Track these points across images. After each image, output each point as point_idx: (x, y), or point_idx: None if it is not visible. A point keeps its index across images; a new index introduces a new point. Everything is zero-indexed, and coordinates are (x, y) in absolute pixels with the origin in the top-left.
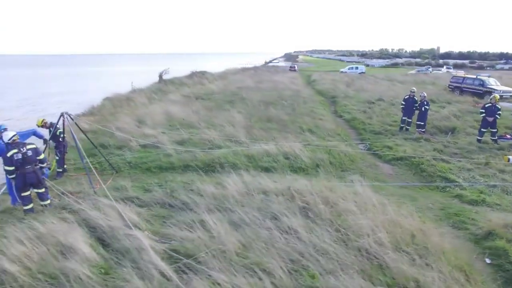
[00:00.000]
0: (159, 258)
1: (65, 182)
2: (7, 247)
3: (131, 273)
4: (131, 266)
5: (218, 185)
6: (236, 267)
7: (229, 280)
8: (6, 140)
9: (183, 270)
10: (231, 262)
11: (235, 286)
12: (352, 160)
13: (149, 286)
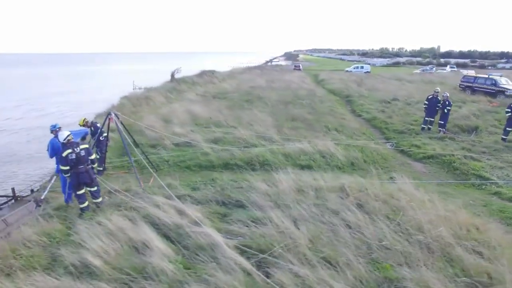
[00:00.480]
0: (237, 253)
1: (107, 180)
2: (86, 242)
3: (215, 268)
4: (207, 261)
5: (264, 182)
6: (311, 261)
7: (310, 273)
8: (62, 140)
9: (260, 265)
10: (305, 256)
11: (317, 279)
12: (384, 159)
13: (234, 280)
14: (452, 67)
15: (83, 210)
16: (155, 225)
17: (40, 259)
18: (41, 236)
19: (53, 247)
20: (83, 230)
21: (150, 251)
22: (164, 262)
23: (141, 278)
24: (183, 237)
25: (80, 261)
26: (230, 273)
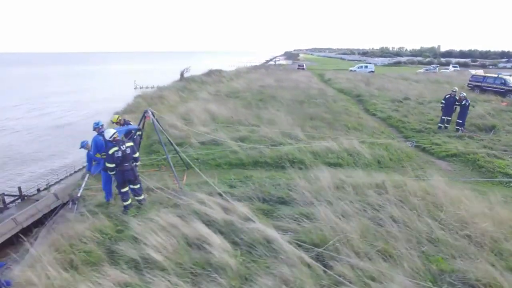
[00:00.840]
0: (294, 248)
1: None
2: (144, 237)
3: (276, 262)
4: (266, 255)
5: (300, 179)
6: (369, 253)
7: (369, 266)
8: (108, 137)
9: (318, 258)
10: (359, 249)
11: (376, 271)
12: (409, 157)
13: (298, 273)
14: (455, 67)
15: (127, 208)
16: (206, 221)
17: (97, 254)
18: (94, 232)
19: (106, 243)
20: (136, 226)
21: (208, 246)
22: (226, 257)
23: (206, 272)
24: (236, 232)
25: (141, 256)
26: (292, 266)
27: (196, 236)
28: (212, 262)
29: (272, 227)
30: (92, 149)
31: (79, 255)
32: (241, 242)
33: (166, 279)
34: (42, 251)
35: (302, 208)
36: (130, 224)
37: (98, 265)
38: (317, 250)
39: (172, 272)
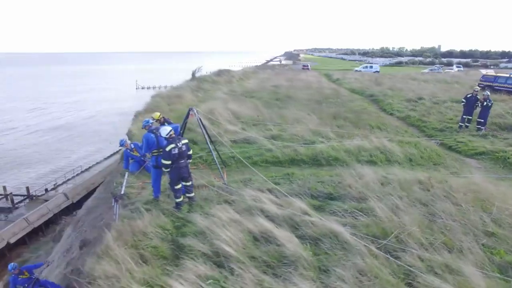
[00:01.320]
0: (358, 240)
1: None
2: (213, 232)
3: (345, 254)
4: (333, 248)
5: (339, 176)
6: (433, 245)
7: (433, 257)
8: (164, 135)
9: (384, 250)
10: (421, 241)
11: (443, 262)
12: (438, 155)
13: (370, 264)
14: (459, 67)
15: (179, 205)
16: (265, 216)
17: (163, 249)
18: (156, 228)
19: (169, 238)
20: (200, 222)
21: (275, 240)
22: (298, 249)
23: (282, 264)
24: (298, 226)
25: (212, 250)
26: (362, 258)
27: (260, 230)
28: (285, 254)
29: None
30: (143, 146)
31: (148, 250)
32: (306, 236)
33: (247, 271)
34: (108, 246)
35: (353, 203)
36: (191, 220)
37: (169, 259)
38: (381, 242)
39: (249, 265)
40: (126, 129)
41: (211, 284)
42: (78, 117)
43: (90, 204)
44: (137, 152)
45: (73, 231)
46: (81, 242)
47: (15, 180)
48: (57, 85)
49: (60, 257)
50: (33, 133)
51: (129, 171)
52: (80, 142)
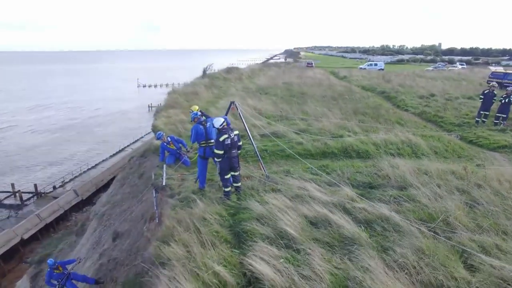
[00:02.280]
0: (409, 223)
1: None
2: (272, 217)
3: (396, 236)
4: (387, 230)
5: (375, 167)
6: (477, 228)
7: (483, 238)
8: (218, 126)
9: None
10: (469, 224)
11: (494, 243)
12: (462, 148)
13: (422, 244)
14: (462, 64)
15: (227, 194)
16: (317, 203)
17: (225, 233)
18: (213, 215)
19: (227, 224)
20: (257, 208)
21: (331, 223)
22: (357, 231)
23: (343, 244)
24: (349, 212)
25: (275, 233)
26: (416, 239)
27: (315, 215)
28: (344, 235)
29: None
30: (192, 137)
31: (212, 234)
32: (358, 220)
33: (314, 250)
34: (172, 232)
35: (394, 191)
36: (247, 206)
37: (232, 243)
38: (429, 226)
39: (313, 245)
40: (137, 125)
41: (283, 263)
42: (80, 116)
43: (105, 199)
44: (173, 145)
45: (99, 225)
46: (114, 234)
47: (22, 178)
48: (58, 83)
49: (90, 250)
50: (36, 132)
51: (166, 164)
52: (83, 141)
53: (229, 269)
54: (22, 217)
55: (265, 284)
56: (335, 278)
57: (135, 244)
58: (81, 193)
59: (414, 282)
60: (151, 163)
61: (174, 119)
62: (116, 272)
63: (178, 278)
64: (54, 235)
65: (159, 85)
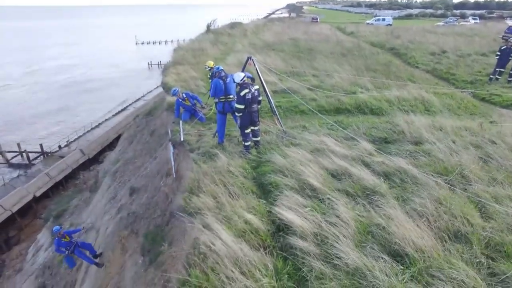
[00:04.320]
0: (426, 176)
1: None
2: (297, 169)
3: (414, 187)
4: (405, 182)
5: (390, 123)
6: (492, 180)
7: (498, 190)
8: (238, 80)
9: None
10: (484, 177)
11: (504, 193)
12: (474, 105)
13: (439, 194)
14: (475, 19)
15: (247, 148)
16: (337, 157)
17: (249, 185)
18: (237, 168)
19: (250, 176)
20: (279, 161)
21: (352, 175)
22: (376, 182)
23: (365, 196)
24: (368, 165)
25: (298, 184)
26: (433, 190)
27: (336, 168)
28: (365, 186)
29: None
30: (211, 91)
31: (237, 186)
32: (377, 172)
33: (339, 200)
34: (199, 184)
35: (410, 146)
36: (268, 159)
37: (257, 194)
38: (445, 179)
39: (337, 195)
40: (138, 83)
41: (309, 212)
42: (79, 76)
43: (114, 157)
44: (189, 102)
45: (113, 182)
46: (130, 190)
47: (26, 138)
48: (53, 41)
49: (106, 205)
50: (34, 92)
51: (181, 120)
52: (84, 100)
53: (258, 217)
54: (31, 176)
55: (294, 230)
56: (360, 225)
57: (153, 198)
58: (87, 152)
59: (432, 228)
60: (161, 120)
61: (184, 76)
62: (136, 225)
63: (213, 225)
64: (64, 192)
65: (158, 42)
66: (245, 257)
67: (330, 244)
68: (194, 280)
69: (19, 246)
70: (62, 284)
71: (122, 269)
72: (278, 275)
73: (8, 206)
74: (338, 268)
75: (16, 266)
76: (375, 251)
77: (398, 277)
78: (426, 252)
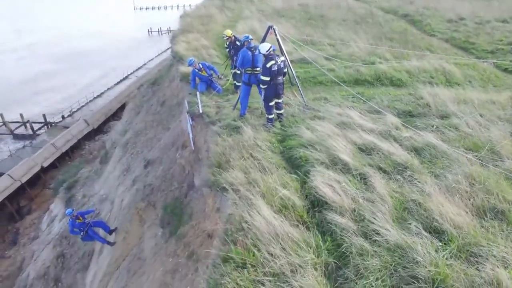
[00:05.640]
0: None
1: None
2: (327, 143)
3: (445, 163)
4: (435, 158)
5: (413, 96)
6: None
7: None
8: (264, 51)
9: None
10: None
11: None
12: (497, 76)
13: (468, 170)
14: None
15: (271, 121)
16: (364, 131)
17: (277, 160)
18: (263, 141)
19: (277, 150)
20: (306, 134)
21: (382, 150)
22: (406, 157)
23: (397, 171)
24: (396, 139)
25: (331, 159)
26: (464, 165)
27: (364, 142)
28: (397, 162)
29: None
30: (238, 62)
31: (267, 160)
32: (408, 147)
33: (373, 175)
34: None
35: (436, 120)
36: (294, 133)
37: (287, 169)
38: (476, 154)
39: (370, 170)
40: (139, 51)
41: (345, 187)
42: (78, 44)
43: (121, 128)
44: (205, 72)
45: (125, 153)
46: (145, 162)
47: (27, 108)
48: (45, 5)
49: (120, 177)
50: (32, 62)
51: (198, 91)
52: (84, 69)
53: (292, 193)
54: (37, 146)
55: (331, 206)
56: (396, 201)
57: (169, 170)
58: (91, 122)
59: (467, 205)
60: (171, 91)
61: (194, 44)
62: (153, 197)
63: (251, 201)
64: (71, 163)
65: (157, 7)
66: (286, 234)
67: (368, 220)
68: (237, 256)
69: (31, 215)
70: (80, 254)
71: (141, 240)
72: (317, 251)
73: (17, 177)
74: (379, 245)
75: (30, 234)
76: (414, 227)
77: (439, 253)
78: (464, 229)
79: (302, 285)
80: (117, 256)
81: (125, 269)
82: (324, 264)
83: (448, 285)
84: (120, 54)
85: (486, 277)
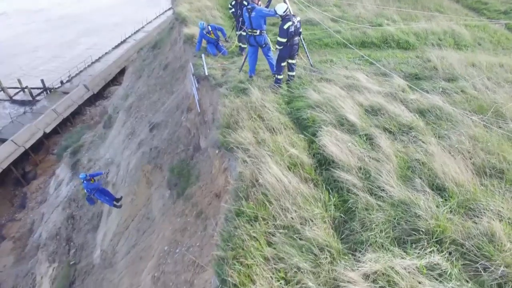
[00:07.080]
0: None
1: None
2: (335, 104)
3: (449, 125)
4: (440, 119)
5: (420, 58)
6: None
7: None
8: (280, 12)
9: None
10: None
11: None
12: (508, 38)
13: (473, 131)
14: None
15: (279, 81)
16: (370, 93)
17: (285, 121)
18: (271, 103)
19: (285, 112)
20: (313, 96)
21: (388, 112)
22: (412, 118)
23: (402, 132)
24: (402, 101)
25: (338, 120)
26: (468, 128)
27: (371, 104)
28: (402, 123)
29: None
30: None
31: (274, 121)
32: (414, 109)
33: (379, 135)
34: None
35: (443, 83)
36: (301, 94)
37: (294, 129)
38: (480, 116)
39: (376, 130)
40: (135, 14)
41: (352, 146)
42: (72, 7)
43: (122, 92)
44: (213, 35)
45: (128, 117)
46: (150, 125)
47: (25, 73)
48: None
49: (125, 140)
50: (35, 24)
51: (208, 53)
52: (80, 33)
53: (300, 152)
54: (37, 112)
55: (338, 164)
56: (400, 160)
57: (174, 133)
58: (91, 87)
59: (468, 164)
60: (174, 54)
61: (197, 5)
62: (159, 160)
63: (261, 159)
64: (72, 128)
65: None
66: (296, 189)
67: (374, 177)
68: (250, 210)
69: (37, 180)
70: (89, 215)
71: (148, 201)
72: (325, 206)
73: (21, 143)
74: (383, 200)
75: (37, 198)
76: (417, 184)
77: (440, 208)
78: (465, 187)
79: (312, 235)
80: (126, 216)
81: (134, 228)
82: (332, 218)
83: (446, 236)
84: (116, 15)
85: (481, 229)
